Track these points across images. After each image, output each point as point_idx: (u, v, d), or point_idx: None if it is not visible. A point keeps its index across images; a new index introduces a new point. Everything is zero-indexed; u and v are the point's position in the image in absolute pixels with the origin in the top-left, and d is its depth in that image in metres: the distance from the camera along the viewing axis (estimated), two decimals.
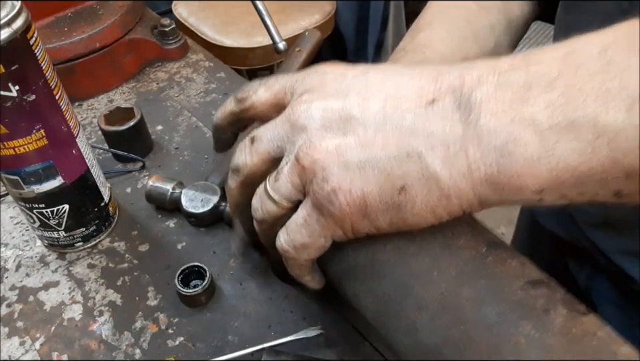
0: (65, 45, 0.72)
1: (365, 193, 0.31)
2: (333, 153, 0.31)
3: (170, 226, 0.59)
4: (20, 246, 0.58)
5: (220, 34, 1.54)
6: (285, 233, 0.35)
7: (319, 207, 0.32)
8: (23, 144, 0.46)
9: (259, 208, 0.36)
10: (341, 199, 0.31)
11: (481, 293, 0.31)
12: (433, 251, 0.33)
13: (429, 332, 0.31)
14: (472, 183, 0.29)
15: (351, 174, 0.31)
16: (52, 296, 0.53)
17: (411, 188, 0.30)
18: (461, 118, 0.29)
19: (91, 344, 0.49)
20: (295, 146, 0.33)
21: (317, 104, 0.33)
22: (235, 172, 0.39)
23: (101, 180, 0.56)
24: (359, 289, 0.36)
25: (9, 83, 0.42)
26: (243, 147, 0.38)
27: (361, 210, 0.31)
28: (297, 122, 0.33)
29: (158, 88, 0.79)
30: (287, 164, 0.34)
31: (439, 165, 0.30)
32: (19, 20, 0.42)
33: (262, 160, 0.36)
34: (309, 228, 0.34)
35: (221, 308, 0.52)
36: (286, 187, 0.34)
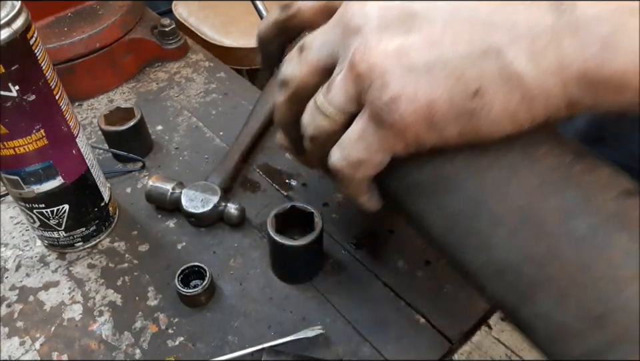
0: (65, 45, 0.72)
1: (432, 99, 0.27)
2: (393, 55, 0.27)
3: (170, 226, 0.59)
4: (20, 246, 0.58)
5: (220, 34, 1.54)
6: (338, 149, 0.32)
7: (377, 118, 0.29)
8: (23, 144, 0.46)
9: (310, 124, 0.33)
10: (403, 107, 0.27)
11: (568, 204, 0.27)
12: (510, 161, 0.29)
13: (506, 250, 0.28)
14: (563, 82, 0.25)
15: (416, 78, 0.27)
16: (52, 296, 0.53)
17: (487, 90, 0.26)
18: (551, 5, 0.25)
19: (91, 344, 0.49)
20: (349, 51, 0.29)
21: (372, 6, 0.29)
22: (282, 85, 0.35)
23: (100, 180, 0.56)
24: (424, 207, 0.32)
25: (8, 83, 0.42)
26: (291, 57, 0.34)
27: (427, 119, 0.28)
28: (350, 24, 0.29)
29: (158, 88, 0.79)
30: (340, 72, 0.30)
31: (523, 62, 0.26)
32: (19, 20, 0.42)
33: (312, 71, 0.32)
34: (365, 142, 0.30)
35: (221, 308, 0.52)
36: (339, 98, 0.30)
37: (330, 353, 0.48)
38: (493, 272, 0.29)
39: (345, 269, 0.55)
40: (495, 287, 0.30)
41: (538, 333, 0.29)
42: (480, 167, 0.30)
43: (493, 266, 0.29)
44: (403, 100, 0.27)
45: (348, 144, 0.31)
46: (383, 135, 0.29)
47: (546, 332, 0.28)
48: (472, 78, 0.26)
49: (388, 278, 0.53)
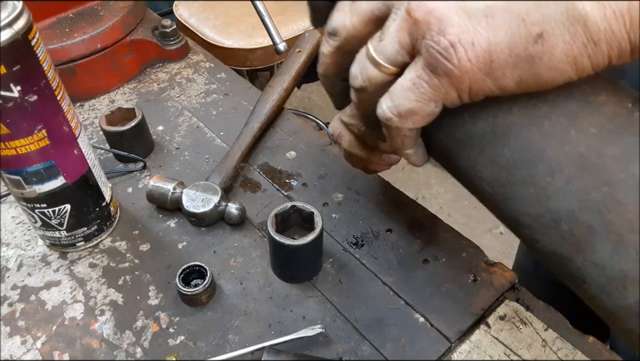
0: (66, 46, 0.72)
1: (491, 45, 0.26)
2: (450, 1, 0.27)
3: (171, 225, 0.60)
4: (21, 245, 0.58)
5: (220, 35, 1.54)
6: (388, 98, 0.31)
7: (432, 65, 0.28)
8: (24, 145, 0.46)
9: (359, 74, 0.32)
10: (461, 54, 0.26)
11: (628, 150, 0.27)
12: (569, 108, 0.28)
13: (563, 198, 0.28)
14: (630, 25, 0.25)
15: (475, 23, 0.26)
16: (53, 296, 0.53)
17: (550, 35, 0.25)
18: None
19: (92, 343, 0.50)
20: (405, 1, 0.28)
21: None
22: (330, 35, 0.33)
23: (102, 180, 0.56)
24: (477, 159, 0.31)
25: (10, 84, 0.43)
26: (342, 6, 0.32)
27: (485, 66, 0.27)
28: None
29: (159, 88, 0.79)
30: (394, 20, 0.29)
31: (589, 4, 0.25)
32: (20, 21, 0.42)
33: (364, 21, 0.32)
34: (417, 91, 0.29)
35: (222, 307, 0.52)
36: (392, 47, 0.29)
37: (330, 352, 0.48)
38: (549, 222, 0.29)
39: (344, 269, 0.55)
40: (550, 237, 0.29)
41: (592, 283, 0.28)
42: (537, 116, 0.29)
43: (549, 215, 0.28)
44: (460, 46, 0.26)
45: (400, 93, 0.30)
46: (437, 83, 0.28)
47: (601, 280, 0.28)
48: (535, 22, 0.25)
49: (387, 277, 0.53)
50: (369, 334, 0.49)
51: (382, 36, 0.30)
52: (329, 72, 0.36)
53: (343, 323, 0.50)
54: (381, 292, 0.52)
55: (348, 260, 0.55)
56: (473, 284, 0.53)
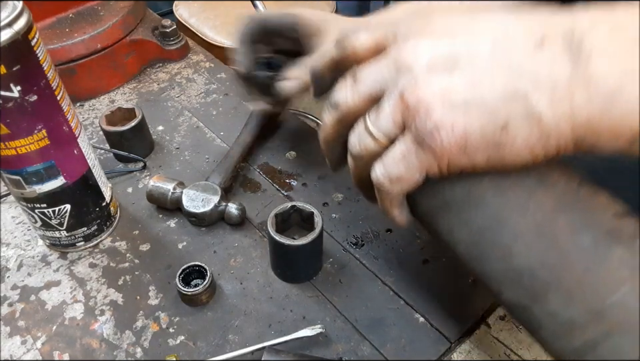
0: (66, 46, 0.72)
1: (467, 131, 0.32)
2: (438, 92, 0.32)
3: (171, 225, 0.60)
4: (21, 245, 0.58)
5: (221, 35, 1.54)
6: (381, 166, 0.36)
7: (419, 142, 0.33)
8: (24, 145, 0.46)
9: (357, 144, 0.37)
10: (443, 135, 0.32)
11: (576, 221, 0.33)
12: (528, 185, 0.34)
13: (524, 258, 0.33)
14: (573, 126, 0.30)
15: (455, 112, 0.31)
16: (53, 296, 0.53)
17: (513, 127, 0.31)
18: (570, 61, 0.30)
19: (92, 343, 0.50)
20: (399, 86, 0.33)
21: (425, 44, 0.33)
22: (333, 108, 0.39)
23: (102, 180, 0.56)
24: (454, 222, 0.37)
25: (10, 84, 0.42)
26: (344, 85, 0.37)
27: (461, 147, 0.32)
28: (402, 62, 0.34)
29: (159, 88, 0.79)
30: (388, 101, 0.34)
31: (544, 105, 0.30)
32: (20, 21, 0.42)
33: (362, 99, 0.36)
34: (406, 162, 0.34)
35: (222, 307, 0.52)
36: (387, 123, 0.34)
37: (330, 352, 0.48)
38: (512, 277, 0.34)
39: (344, 269, 0.55)
40: (513, 290, 0.35)
41: (546, 329, 0.34)
42: (503, 189, 0.34)
43: (512, 272, 0.34)
44: (442, 129, 0.32)
45: (391, 162, 0.35)
46: (422, 157, 0.34)
47: (554, 327, 0.33)
48: (501, 116, 0.31)
49: (387, 277, 0.53)
50: (369, 334, 0.49)
51: (378, 114, 0.35)
52: (329, 138, 0.41)
53: (343, 323, 0.50)
54: (381, 292, 0.52)
55: (348, 260, 0.56)
56: (473, 284, 0.53)
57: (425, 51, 0.33)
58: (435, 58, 0.33)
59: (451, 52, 0.33)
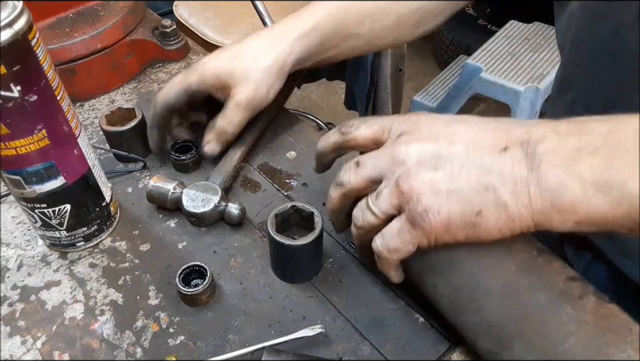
0: (66, 46, 0.72)
1: (450, 214, 0.40)
2: (426, 183, 0.40)
3: (171, 225, 0.60)
4: (21, 245, 0.58)
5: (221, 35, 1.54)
6: (380, 238, 0.44)
7: (412, 222, 0.41)
8: (24, 145, 0.46)
9: (360, 218, 0.45)
10: (431, 217, 0.40)
11: (534, 283, 0.41)
12: (497, 253, 0.42)
13: (493, 312, 0.42)
14: (531, 212, 0.39)
15: (440, 199, 0.40)
16: (53, 296, 0.53)
17: (485, 212, 0.39)
18: (527, 164, 0.39)
19: (92, 343, 0.50)
20: (395, 175, 0.42)
21: (414, 146, 0.42)
22: (338, 185, 0.47)
23: (102, 180, 0.56)
24: (438, 281, 0.45)
25: (10, 84, 0.43)
26: (349, 168, 0.46)
27: (445, 227, 0.40)
28: (397, 158, 0.42)
29: (159, 88, 0.79)
30: (386, 187, 0.43)
31: (509, 197, 0.39)
32: (20, 21, 0.42)
33: (363, 181, 0.45)
34: (401, 237, 0.42)
35: (222, 307, 0.52)
36: (386, 204, 0.43)
37: (330, 352, 0.48)
38: (484, 328, 0.42)
39: (345, 269, 0.55)
40: (485, 339, 0.42)
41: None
42: (477, 256, 0.43)
43: (485, 323, 0.42)
44: (430, 212, 0.40)
45: (389, 236, 0.43)
46: (414, 233, 0.41)
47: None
48: (476, 203, 0.39)
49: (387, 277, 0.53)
50: (369, 334, 0.49)
51: (378, 196, 0.43)
52: (335, 209, 0.49)
53: (343, 323, 0.50)
54: (381, 292, 0.52)
55: (348, 260, 0.55)
56: None
57: (414, 150, 0.42)
58: (422, 156, 0.41)
59: (435, 152, 0.41)
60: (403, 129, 0.44)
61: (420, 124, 0.44)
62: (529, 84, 1.73)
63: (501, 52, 1.89)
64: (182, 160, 0.64)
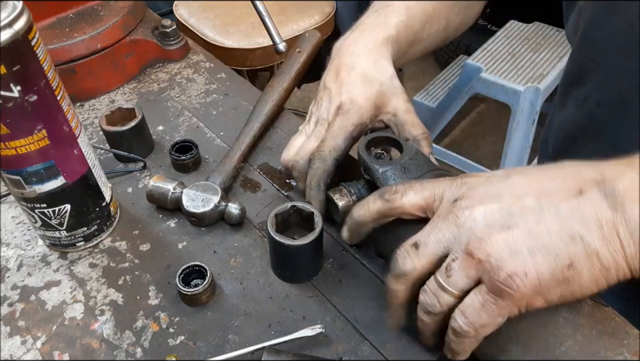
0: (66, 46, 0.72)
1: (538, 274, 0.36)
2: (503, 246, 0.37)
3: (171, 225, 0.60)
4: (21, 245, 0.58)
5: (220, 35, 1.54)
6: (462, 317, 0.39)
7: (497, 292, 0.37)
8: (24, 145, 0.46)
9: (437, 303, 0.41)
10: (518, 282, 0.36)
11: None
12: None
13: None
14: (625, 257, 0.36)
15: (523, 260, 0.36)
16: (53, 296, 0.53)
17: (577, 264, 0.36)
18: (609, 205, 0.36)
19: (92, 343, 0.50)
20: (463, 245, 0.38)
21: (478, 209, 0.39)
22: (400, 277, 0.42)
23: (102, 180, 0.56)
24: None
25: (10, 84, 0.42)
26: (407, 253, 0.42)
27: (536, 289, 0.37)
28: (463, 225, 0.39)
29: (159, 88, 0.79)
30: (455, 259, 0.39)
31: (599, 243, 0.36)
32: (20, 21, 0.42)
33: (430, 262, 0.41)
34: (487, 311, 0.38)
35: (222, 307, 0.52)
36: (462, 280, 0.39)
37: (330, 352, 0.48)
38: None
39: (345, 269, 0.55)
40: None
41: None
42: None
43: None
44: (516, 277, 0.36)
45: (473, 313, 0.39)
46: (502, 304, 0.37)
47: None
48: (565, 256, 0.36)
49: None
50: (369, 334, 0.49)
51: (449, 272, 0.39)
52: (401, 302, 0.44)
53: (343, 323, 0.50)
54: (381, 292, 0.52)
55: (348, 260, 0.55)
56: None
57: (479, 213, 0.39)
58: (490, 217, 0.38)
59: (503, 211, 0.38)
60: (457, 194, 0.41)
61: (475, 186, 0.41)
62: (529, 84, 1.73)
63: (501, 52, 1.89)
64: (182, 160, 0.64)
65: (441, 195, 0.42)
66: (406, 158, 0.49)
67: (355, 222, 0.48)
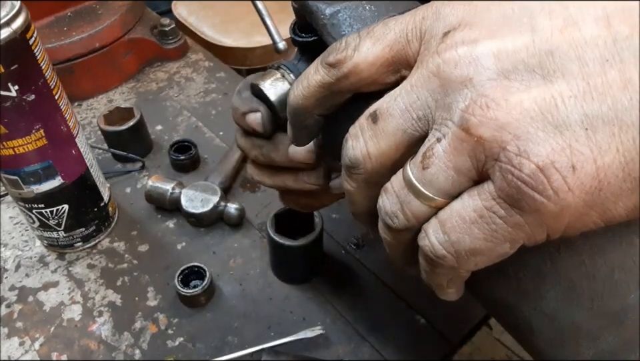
0: (64, 45, 0.72)
1: (599, 168, 0.20)
2: (533, 110, 0.20)
3: (170, 226, 0.59)
4: (19, 246, 0.58)
5: (220, 34, 1.53)
6: (439, 230, 0.23)
7: (513, 197, 0.21)
8: (22, 144, 0.46)
9: (399, 212, 0.25)
10: (558, 182, 0.20)
11: None
12: None
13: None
14: None
15: (571, 138, 0.20)
16: (51, 297, 0.53)
17: None
18: None
19: (91, 345, 0.49)
20: (455, 111, 0.22)
21: (485, 47, 0.22)
22: (351, 169, 0.26)
23: (100, 180, 0.55)
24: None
25: (8, 83, 0.42)
26: (359, 131, 0.26)
27: (593, 197, 0.20)
28: (452, 74, 0.22)
29: (157, 88, 0.79)
30: (440, 140, 0.22)
31: None
32: (18, 20, 0.42)
33: (394, 144, 0.25)
34: (486, 228, 0.22)
35: (221, 309, 0.51)
36: (446, 176, 0.22)
37: (330, 353, 0.48)
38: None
39: (345, 269, 0.54)
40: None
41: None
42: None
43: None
44: (556, 171, 0.20)
45: (458, 226, 0.23)
46: (519, 221, 0.21)
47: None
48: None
49: (388, 278, 0.53)
50: (369, 335, 0.49)
51: (427, 162, 0.23)
52: (363, 211, 0.29)
53: (344, 324, 0.50)
54: (382, 294, 0.52)
55: (349, 262, 0.55)
56: None
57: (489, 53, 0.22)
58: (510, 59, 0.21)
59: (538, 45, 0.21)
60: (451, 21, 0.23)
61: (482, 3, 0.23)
62: None
63: None
64: (181, 160, 0.64)
65: (420, 30, 0.25)
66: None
67: (292, 109, 0.30)
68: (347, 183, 0.28)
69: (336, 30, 0.29)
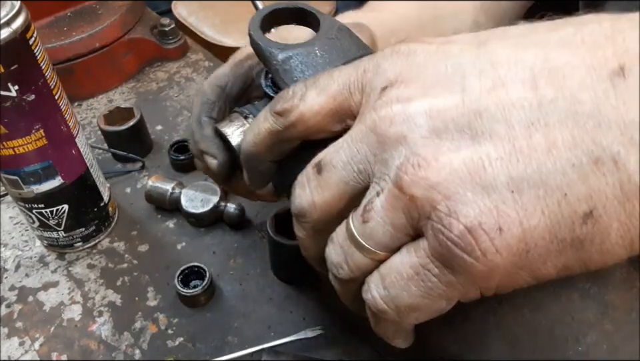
0: (64, 45, 0.72)
1: (525, 229, 0.20)
2: (461, 171, 0.21)
3: (170, 226, 0.59)
4: (19, 246, 0.58)
5: (220, 34, 1.53)
6: (380, 285, 0.24)
7: (444, 257, 0.21)
8: (22, 144, 0.46)
9: (344, 264, 0.25)
10: (486, 243, 0.20)
11: None
12: None
13: None
14: None
15: (499, 200, 0.20)
16: (51, 297, 0.53)
17: (603, 213, 0.20)
18: None
19: (91, 345, 0.49)
20: (391, 167, 0.22)
21: (418, 105, 0.22)
22: (299, 217, 0.28)
23: (100, 180, 0.55)
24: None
25: (8, 83, 0.42)
26: (306, 181, 0.27)
27: (520, 258, 0.20)
28: (388, 131, 0.23)
29: (158, 88, 0.79)
30: (378, 195, 0.23)
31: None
32: (18, 20, 0.42)
33: (337, 195, 0.25)
34: (422, 285, 0.22)
35: (221, 309, 0.51)
36: (384, 231, 0.23)
37: (330, 353, 0.48)
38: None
39: None
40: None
41: None
42: None
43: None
44: (483, 233, 0.20)
45: (397, 283, 0.23)
46: (452, 280, 0.21)
47: None
48: (581, 197, 0.20)
49: None
50: (369, 335, 0.49)
51: (366, 215, 0.23)
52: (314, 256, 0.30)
53: (344, 324, 0.50)
54: None
55: None
56: None
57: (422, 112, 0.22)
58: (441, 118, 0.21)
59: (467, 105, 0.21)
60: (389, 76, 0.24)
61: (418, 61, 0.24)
62: None
63: None
64: (181, 159, 0.64)
65: (361, 83, 0.25)
66: (323, 38, 0.31)
67: (244, 155, 0.32)
68: (296, 230, 0.29)
69: (288, 76, 0.30)
